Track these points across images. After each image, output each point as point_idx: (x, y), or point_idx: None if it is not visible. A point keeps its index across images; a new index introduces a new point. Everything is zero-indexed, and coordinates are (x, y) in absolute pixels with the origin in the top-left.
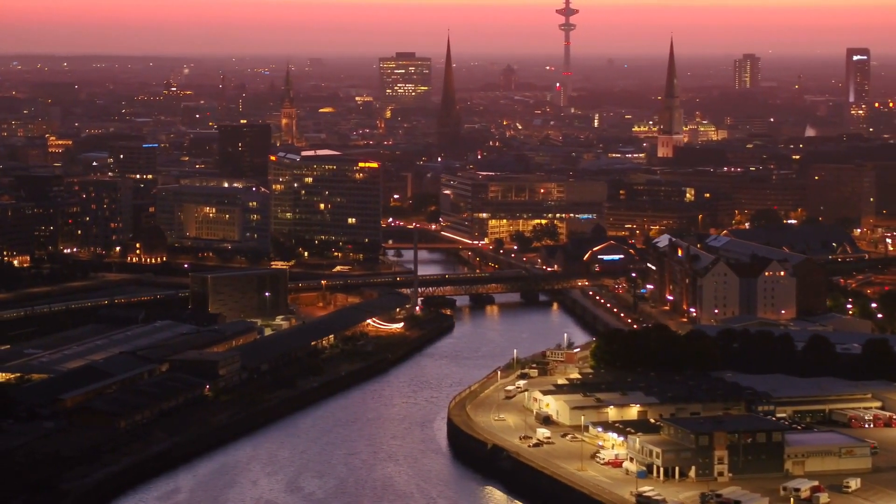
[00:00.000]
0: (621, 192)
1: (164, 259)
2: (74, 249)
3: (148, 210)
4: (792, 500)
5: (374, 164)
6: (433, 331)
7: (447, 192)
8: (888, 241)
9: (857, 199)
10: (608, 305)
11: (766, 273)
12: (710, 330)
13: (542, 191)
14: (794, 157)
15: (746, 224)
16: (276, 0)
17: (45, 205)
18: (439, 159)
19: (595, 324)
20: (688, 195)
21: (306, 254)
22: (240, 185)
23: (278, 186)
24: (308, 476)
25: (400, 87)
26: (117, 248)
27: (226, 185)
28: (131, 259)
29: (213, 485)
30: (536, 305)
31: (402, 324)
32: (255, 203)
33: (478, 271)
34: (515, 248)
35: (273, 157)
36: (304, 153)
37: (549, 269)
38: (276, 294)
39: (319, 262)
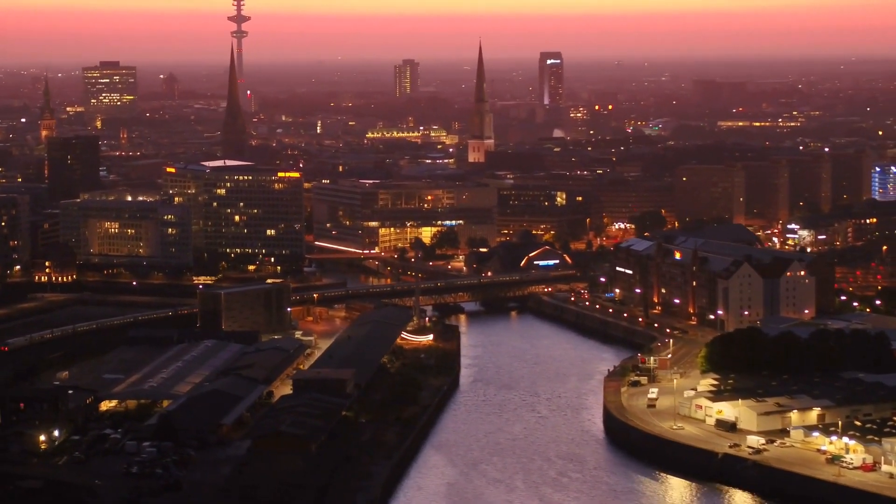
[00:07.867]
0: None
1: (75, 277)
2: None
3: (43, 227)
4: None
5: (296, 175)
6: (457, 342)
7: (321, 201)
8: (775, 239)
9: (727, 200)
10: (610, 311)
11: (788, 273)
12: (801, 332)
13: (429, 198)
14: (612, 159)
15: (622, 225)
16: None
17: None
18: None
19: (607, 329)
20: (559, 199)
21: (223, 267)
22: (147, 199)
23: (178, 199)
24: (552, 492)
25: (105, 97)
26: (17, 268)
27: (129, 198)
28: (40, 278)
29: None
30: (504, 313)
31: (431, 335)
32: (172, 216)
33: (395, 278)
34: (420, 255)
35: (171, 169)
36: (211, 164)
37: (483, 275)
38: (279, 308)
39: (248, 276)
